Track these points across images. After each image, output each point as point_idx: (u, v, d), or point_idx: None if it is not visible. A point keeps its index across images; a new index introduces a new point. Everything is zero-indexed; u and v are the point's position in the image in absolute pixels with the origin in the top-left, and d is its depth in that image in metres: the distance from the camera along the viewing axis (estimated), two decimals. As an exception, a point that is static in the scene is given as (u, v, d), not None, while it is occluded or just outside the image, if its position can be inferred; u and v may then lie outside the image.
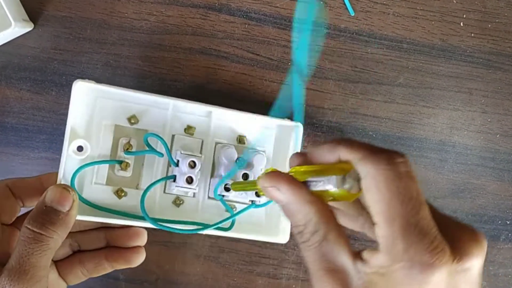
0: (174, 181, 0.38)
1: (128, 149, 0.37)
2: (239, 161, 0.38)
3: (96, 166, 0.37)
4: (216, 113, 0.39)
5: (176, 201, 0.39)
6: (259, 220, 0.41)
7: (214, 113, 0.39)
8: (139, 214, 0.37)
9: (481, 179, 0.49)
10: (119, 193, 0.38)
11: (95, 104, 0.37)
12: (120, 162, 0.37)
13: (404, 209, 0.21)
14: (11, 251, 0.34)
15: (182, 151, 0.37)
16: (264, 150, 0.41)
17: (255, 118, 0.40)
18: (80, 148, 0.36)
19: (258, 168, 0.40)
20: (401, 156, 0.22)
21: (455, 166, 0.49)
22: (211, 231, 0.38)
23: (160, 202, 0.39)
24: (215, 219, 0.39)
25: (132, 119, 0.37)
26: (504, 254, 0.50)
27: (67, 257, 0.39)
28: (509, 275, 0.50)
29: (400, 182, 0.21)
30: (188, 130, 0.39)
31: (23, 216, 0.37)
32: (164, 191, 0.39)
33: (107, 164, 0.37)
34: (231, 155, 0.39)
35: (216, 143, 0.40)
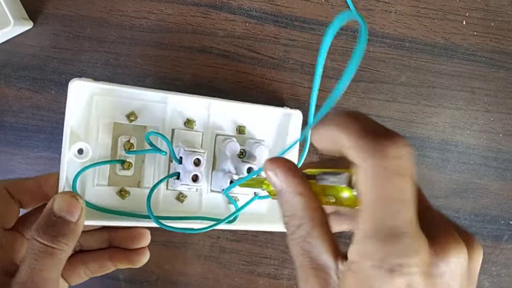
0: (178, 178, 0.37)
1: (129, 148, 0.37)
2: (252, 172, 0.38)
3: (97, 167, 0.36)
4: (215, 105, 0.39)
5: (180, 196, 0.39)
6: (261, 210, 0.41)
7: (213, 105, 0.39)
8: (144, 213, 0.36)
9: (483, 179, 0.49)
10: (122, 193, 0.37)
11: (92, 103, 0.36)
12: (122, 162, 0.37)
13: (384, 210, 0.20)
14: (15, 257, 0.34)
15: (186, 148, 0.37)
16: (263, 139, 0.41)
17: (253, 107, 0.40)
18: (80, 151, 0.35)
19: (261, 159, 0.40)
20: (395, 146, 0.20)
21: (458, 166, 0.48)
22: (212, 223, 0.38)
23: (164, 199, 0.38)
24: (219, 212, 0.39)
25: (131, 116, 0.37)
26: (507, 254, 0.50)
27: (69, 257, 0.38)
28: (511, 276, 0.50)
29: (386, 180, 0.19)
30: (188, 124, 0.38)
31: (21, 218, 0.36)
32: (167, 188, 0.38)
33: (108, 165, 0.37)
34: (233, 148, 0.38)
35: (217, 135, 0.40)
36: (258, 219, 0.41)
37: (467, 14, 0.47)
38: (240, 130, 0.40)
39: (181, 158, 0.37)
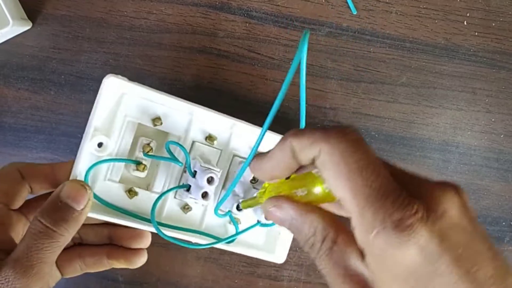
0: (188, 190, 0.38)
1: (148, 151, 0.37)
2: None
3: (111, 163, 0.36)
4: (239, 126, 0.39)
5: (185, 207, 0.39)
6: (259, 237, 0.42)
7: (237, 126, 0.39)
8: (147, 217, 0.37)
9: (485, 180, 0.49)
10: (130, 192, 0.37)
11: (122, 100, 0.36)
12: (138, 163, 0.37)
13: (364, 176, 0.20)
14: (15, 237, 0.34)
15: (202, 163, 0.37)
16: None
17: (277, 137, 0.40)
18: (100, 145, 0.35)
19: None
20: (349, 127, 0.21)
21: (459, 167, 0.48)
22: (209, 241, 0.39)
23: (169, 206, 0.39)
24: (219, 231, 0.40)
25: (156, 120, 0.37)
26: (509, 255, 0.50)
27: (67, 248, 0.37)
28: (513, 277, 0.50)
29: (354, 150, 0.21)
30: (209, 139, 0.39)
31: (27, 201, 0.36)
32: (175, 196, 0.39)
33: (123, 163, 0.37)
34: (246, 175, 0.38)
35: (234, 155, 0.40)
36: (255, 246, 0.41)
37: (468, 15, 0.46)
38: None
39: (195, 172, 0.37)
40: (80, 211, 0.32)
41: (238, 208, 0.39)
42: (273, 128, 0.46)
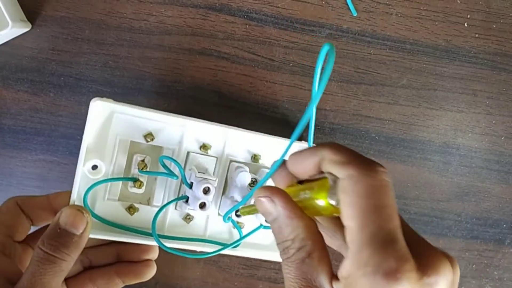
0: (187, 201, 0.38)
1: (143, 168, 0.37)
2: (254, 187, 0.38)
3: (109, 182, 0.37)
4: (232, 133, 0.39)
5: (187, 217, 0.40)
6: (265, 238, 0.42)
7: (230, 133, 0.39)
8: (150, 231, 0.37)
9: (485, 182, 0.48)
10: (131, 209, 0.38)
11: (112, 120, 0.36)
12: (134, 180, 0.37)
13: (378, 216, 0.21)
14: (22, 269, 0.34)
15: (197, 173, 0.37)
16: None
17: (270, 139, 0.40)
18: (94, 167, 0.36)
19: None
20: (382, 166, 0.22)
21: (459, 169, 0.48)
22: (216, 248, 0.39)
23: (171, 218, 0.39)
24: (223, 236, 0.40)
25: (148, 136, 0.37)
26: (509, 258, 0.50)
27: (77, 274, 0.39)
28: (514, 280, 0.50)
29: (379, 189, 0.21)
30: (204, 148, 0.39)
31: (33, 233, 0.38)
32: (175, 208, 0.39)
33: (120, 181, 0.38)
34: (243, 179, 0.38)
35: (231, 161, 0.40)
36: (261, 247, 0.41)
37: (468, 16, 0.46)
38: (255, 159, 0.40)
39: (192, 183, 0.37)
40: (80, 235, 0.32)
41: (237, 214, 0.39)
42: (272, 128, 0.46)
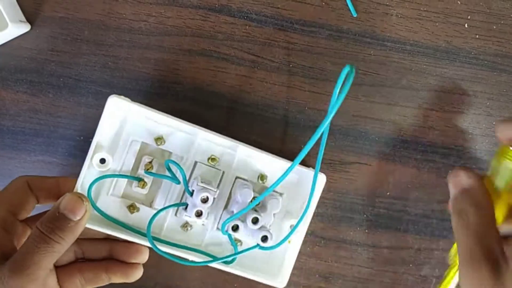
0: (186, 209, 0.38)
1: (148, 169, 0.38)
2: (253, 201, 0.38)
3: (115, 178, 0.38)
4: (243, 149, 0.39)
5: (185, 226, 0.40)
6: (262, 260, 0.42)
7: (241, 149, 0.39)
8: (145, 232, 0.38)
9: (486, 183, 0.48)
10: (131, 208, 0.38)
11: (127, 119, 0.37)
12: (139, 180, 0.38)
13: None
14: (19, 246, 0.36)
15: (199, 182, 0.37)
16: (283, 193, 0.41)
17: (280, 161, 0.40)
18: (102, 161, 0.37)
19: (271, 212, 0.39)
20: None
21: (460, 170, 0.48)
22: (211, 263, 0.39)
23: (169, 224, 0.39)
24: (219, 250, 0.40)
25: (158, 140, 0.38)
26: (510, 259, 0.49)
27: (68, 264, 0.40)
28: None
29: None
30: (211, 160, 0.39)
31: (35, 215, 0.39)
32: (175, 214, 0.40)
33: (126, 179, 0.38)
34: (246, 195, 0.38)
35: (237, 177, 0.40)
36: (255, 268, 0.41)
37: (469, 17, 0.46)
38: (262, 178, 0.40)
39: (193, 191, 0.37)
40: (76, 221, 0.34)
41: (233, 228, 0.39)
42: (272, 129, 0.45)
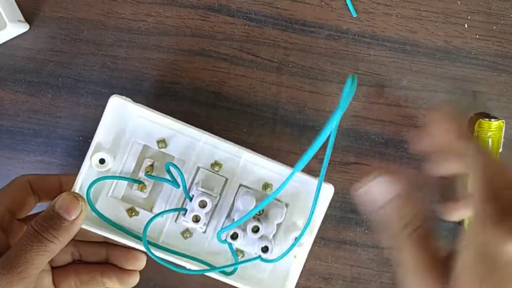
0: (185, 214, 0.37)
1: (148, 172, 0.37)
2: (254, 208, 0.37)
3: (115, 180, 0.37)
4: (248, 156, 0.38)
5: (185, 233, 0.39)
6: (263, 273, 0.40)
7: (246, 155, 0.38)
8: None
9: (486, 184, 0.48)
10: (130, 211, 0.38)
11: (128, 120, 0.37)
12: (138, 182, 0.37)
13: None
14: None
15: (199, 187, 0.37)
16: (288, 204, 0.40)
17: (286, 170, 0.39)
18: (102, 161, 0.36)
19: (273, 222, 0.38)
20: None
21: (460, 171, 0.48)
22: (210, 274, 0.38)
23: (168, 230, 0.38)
24: (220, 260, 0.39)
25: (160, 143, 0.37)
26: None
27: (65, 265, 0.39)
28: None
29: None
30: (214, 166, 0.38)
31: (32, 215, 0.38)
32: (175, 220, 0.39)
33: (126, 181, 0.38)
34: (247, 203, 0.37)
35: (240, 185, 0.39)
36: (257, 282, 0.40)
37: (469, 17, 0.46)
38: (266, 187, 0.40)
39: (193, 196, 0.37)
40: (71, 221, 0.33)
41: (233, 236, 0.38)
42: (272, 129, 0.45)
